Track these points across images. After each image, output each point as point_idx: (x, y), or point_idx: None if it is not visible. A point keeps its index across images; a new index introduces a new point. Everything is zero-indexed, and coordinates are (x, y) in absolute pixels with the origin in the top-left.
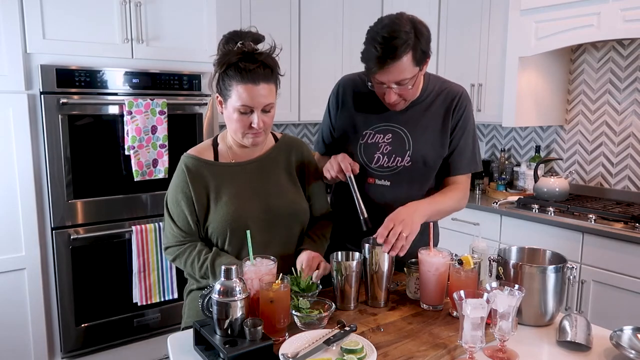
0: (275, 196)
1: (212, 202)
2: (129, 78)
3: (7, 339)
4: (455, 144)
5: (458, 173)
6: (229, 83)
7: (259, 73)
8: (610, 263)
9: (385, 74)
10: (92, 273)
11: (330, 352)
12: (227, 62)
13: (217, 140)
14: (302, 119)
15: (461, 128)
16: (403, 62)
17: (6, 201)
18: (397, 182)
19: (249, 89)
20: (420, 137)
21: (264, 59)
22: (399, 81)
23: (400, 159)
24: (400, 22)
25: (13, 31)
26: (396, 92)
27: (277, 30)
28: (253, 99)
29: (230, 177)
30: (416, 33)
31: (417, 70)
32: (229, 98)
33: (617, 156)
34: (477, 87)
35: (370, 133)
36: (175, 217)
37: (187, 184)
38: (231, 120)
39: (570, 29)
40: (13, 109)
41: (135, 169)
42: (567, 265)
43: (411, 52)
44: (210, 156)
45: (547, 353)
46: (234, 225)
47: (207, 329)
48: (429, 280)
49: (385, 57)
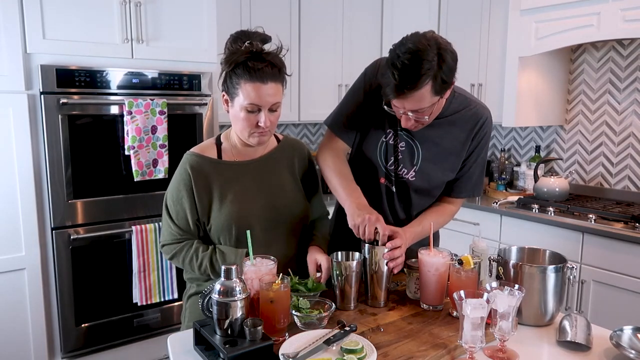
0: (278, 195)
1: (216, 201)
2: (129, 78)
3: (7, 339)
4: (466, 169)
5: (458, 196)
6: (236, 82)
7: (267, 72)
8: (610, 263)
9: (401, 101)
10: (92, 273)
11: (330, 352)
12: (235, 61)
13: (220, 139)
14: (302, 119)
15: (476, 153)
16: (421, 92)
17: (6, 201)
18: (402, 191)
19: (257, 87)
20: (432, 157)
21: (272, 58)
22: (416, 110)
23: (406, 170)
24: (424, 48)
25: (13, 31)
26: (412, 118)
27: (277, 30)
28: (261, 98)
29: (234, 175)
30: (439, 61)
31: (437, 99)
32: (236, 96)
33: (617, 156)
34: (477, 87)
35: (392, 133)
36: (174, 215)
37: (191, 182)
38: (238, 119)
39: (570, 29)
40: (13, 109)
41: (135, 169)
42: (567, 265)
43: (431, 83)
44: (214, 154)
45: (547, 353)
46: (238, 224)
47: (207, 329)
48: (429, 280)
49: (403, 87)
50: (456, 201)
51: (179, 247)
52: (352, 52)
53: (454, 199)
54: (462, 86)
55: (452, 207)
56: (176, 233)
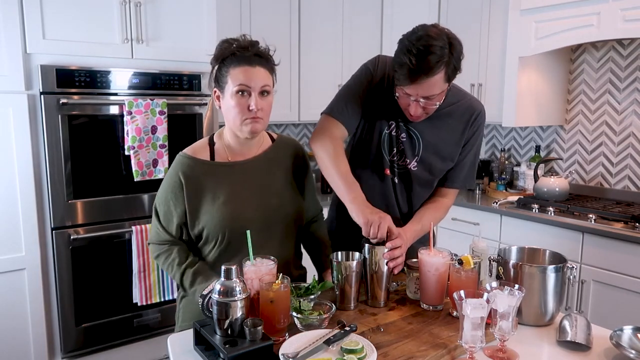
0: (273, 195)
1: (208, 204)
2: (129, 78)
3: (7, 339)
4: (461, 159)
5: (452, 186)
6: (225, 71)
7: (255, 58)
8: (610, 263)
9: (415, 87)
10: (92, 273)
11: (330, 352)
12: (223, 55)
13: (213, 138)
14: (302, 119)
15: (470, 144)
16: (435, 78)
17: (6, 201)
18: (404, 182)
19: (245, 70)
20: (432, 147)
21: (258, 49)
22: (428, 96)
23: (408, 161)
24: (436, 36)
25: (13, 31)
26: (422, 105)
27: (277, 30)
28: (250, 79)
29: (227, 176)
30: (451, 49)
31: (447, 86)
32: (226, 85)
33: (617, 156)
34: (477, 87)
35: (394, 125)
36: (162, 216)
37: (182, 187)
38: (229, 109)
39: (570, 28)
40: (13, 109)
41: (135, 169)
42: (567, 265)
43: (444, 69)
44: (207, 155)
45: (547, 353)
46: (231, 227)
47: (207, 329)
48: (429, 280)
49: (419, 72)
50: (450, 193)
51: (162, 249)
52: (352, 52)
53: (447, 191)
54: (462, 86)
55: (447, 200)
56: (162, 234)
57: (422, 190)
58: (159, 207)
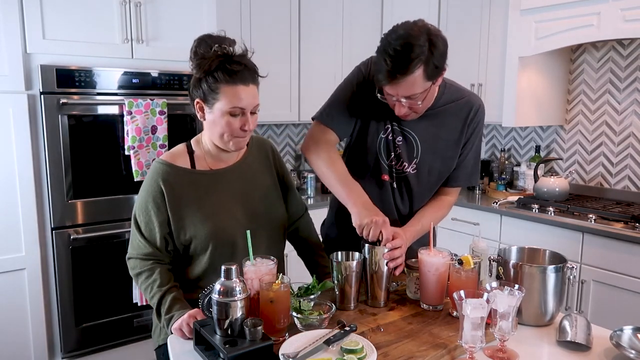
0: (258, 201)
1: (194, 214)
2: (128, 78)
3: (7, 339)
4: (462, 158)
5: (454, 185)
6: (215, 86)
7: (247, 75)
8: (610, 263)
9: (394, 87)
10: (92, 273)
11: (330, 352)
12: (210, 66)
13: (191, 145)
14: (302, 119)
15: (471, 142)
16: (414, 77)
17: (6, 201)
18: (403, 186)
19: (240, 90)
20: (431, 148)
21: (247, 61)
22: (409, 96)
23: (406, 164)
24: (415, 34)
25: (13, 31)
26: (405, 105)
27: (277, 30)
28: (245, 101)
29: (210, 186)
30: (430, 46)
31: (429, 85)
32: (216, 102)
33: (617, 156)
34: (477, 87)
35: (389, 128)
36: (143, 227)
37: (163, 196)
38: (217, 125)
39: (570, 28)
40: (13, 109)
41: (135, 169)
42: (567, 265)
43: (423, 67)
44: (186, 163)
45: (547, 353)
46: (219, 238)
47: (207, 329)
48: (429, 280)
49: (396, 72)
50: (452, 191)
51: (145, 267)
52: (352, 52)
53: (450, 189)
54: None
55: (449, 197)
56: (144, 247)
57: (423, 193)
58: (139, 218)
